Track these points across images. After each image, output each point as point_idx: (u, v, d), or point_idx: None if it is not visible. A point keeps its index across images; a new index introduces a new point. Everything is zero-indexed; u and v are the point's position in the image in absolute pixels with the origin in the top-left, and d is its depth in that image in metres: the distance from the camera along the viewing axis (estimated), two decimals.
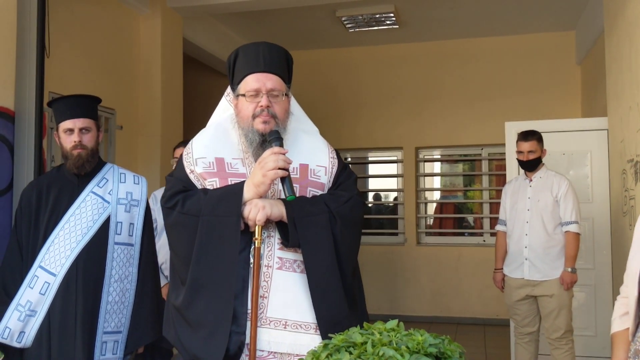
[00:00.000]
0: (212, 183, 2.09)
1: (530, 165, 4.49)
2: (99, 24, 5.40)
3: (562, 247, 4.38)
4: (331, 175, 2.16)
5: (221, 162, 2.12)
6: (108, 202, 2.80)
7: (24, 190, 2.89)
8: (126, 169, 3.03)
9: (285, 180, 1.97)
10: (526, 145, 4.45)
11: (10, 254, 2.78)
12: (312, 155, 2.16)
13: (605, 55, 5.23)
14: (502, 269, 4.66)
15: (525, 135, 4.49)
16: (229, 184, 2.06)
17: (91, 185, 2.81)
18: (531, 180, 4.54)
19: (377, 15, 6.91)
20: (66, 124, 2.77)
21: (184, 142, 4.07)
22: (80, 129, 2.77)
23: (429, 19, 7.22)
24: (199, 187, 2.11)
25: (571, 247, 4.33)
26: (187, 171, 2.14)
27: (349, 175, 2.20)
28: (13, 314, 2.65)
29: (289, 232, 1.98)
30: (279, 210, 1.98)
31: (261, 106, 2.06)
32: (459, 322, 7.73)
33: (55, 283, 2.66)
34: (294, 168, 2.08)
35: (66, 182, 2.82)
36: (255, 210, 1.96)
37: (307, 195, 2.09)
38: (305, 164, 2.13)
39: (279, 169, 1.94)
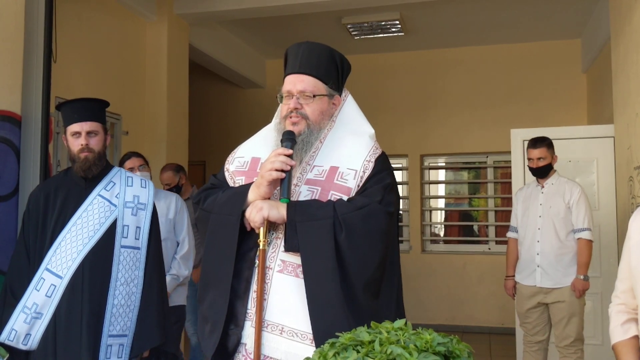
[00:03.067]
0: (239, 181, 2.14)
1: (541, 172, 4.47)
2: (106, 30, 5.43)
3: (574, 254, 4.34)
4: (361, 180, 2.02)
5: (256, 162, 2.14)
6: (115, 206, 2.80)
7: (32, 193, 2.90)
8: (133, 173, 3.04)
9: (283, 182, 1.94)
10: (535, 152, 4.44)
11: (17, 256, 2.78)
12: (347, 158, 2.06)
13: (611, 63, 5.23)
14: (513, 276, 4.64)
15: (535, 142, 4.47)
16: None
17: (98, 189, 2.81)
18: (543, 187, 4.51)
19: (383, 23, 6.93)
20: (73, 127, 2.78)
21: (134, 154, 4.09)
22: (88, 133, 2.77)
23: (435, 26, 7.23)
24: (231, 184, 2.16)
25: (583, 254, 4.29)
26: (224, 169, 2.22)
27: (379, 181, 2.03)
28: (19, 316, 2.64)
29: (287, 235, 1.94)
30: (279, 213, 1.93)
31: (290, 108, 2.07)
32: (464, 330, 7.69)
33: (62, 286, 2.65)
34: (323, 170, 2.04)
35: (73, 185, 2.82)
36: (254, 212, 1.94)
37: (329, 199, 1.99)
38: (336, 166, 2.05)
39: (277, 170, 1.92)
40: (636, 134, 4.42)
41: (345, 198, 1.99)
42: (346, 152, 2.07)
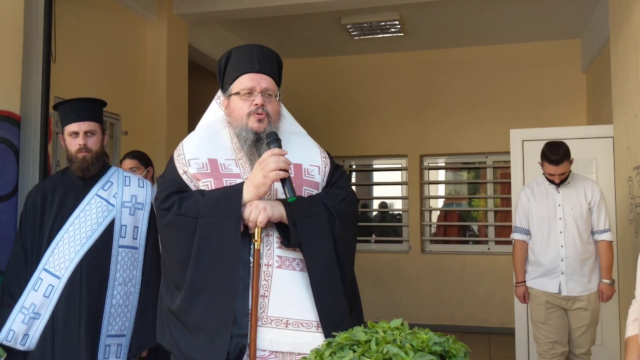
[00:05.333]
0: (207, 184, 2.07)
1: (561, 183, 4.11)
2: (106, 31, 5.42)
3: (595, 257, 4.07)
4: (324, 175, 2.19)
5: (214, 163, 2.10)
6: (113, 205, 2.80)
7: (29, 192, 2.90)
8: (131, 173, 3.04)
9: (286, 181, 1.96)
10: (559, 169, 4.00)
11: (15, 256, 2.79)
12: (304, 156, 2.18)
13: (610, 63, 5.23)
14: (524, 282, 4.22)
15: (555, 154, 3.97)
16: (224, 184, 2.05)
17: (96, 188, 2.81)
18: (558, 186, 4.12)
19: (382, 23, 6.93)
20: (71, 127, 2.78)
21: (130, 155, 4.11)
22: (85, 132, 2.78)
23: (434, 26, 7.22)
24: (193, 188, 2.08)
25: (607, 256, 4.01)
26: (180, 172, 2.11)
27: (341, 174, 2.24)
28: (17, 316, 2.64)
29: (290, 232, 1.98)
30: (279, 212, 1.98)
31: (256, 104, 2.07)
32: (464, 330, 7.69)
33: (60, 286, 2.66)
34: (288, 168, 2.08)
35: (71, 185, 2.82)
36: (257, 212, 1.94)
37: (303, 195, 2.09)
38: (299, 163, 2.13)
39: (280, 170, 1.94)
40: (635, 134, 4.42)
41: (314, 192, 2.13)
42: (299, 150, 2.18)
